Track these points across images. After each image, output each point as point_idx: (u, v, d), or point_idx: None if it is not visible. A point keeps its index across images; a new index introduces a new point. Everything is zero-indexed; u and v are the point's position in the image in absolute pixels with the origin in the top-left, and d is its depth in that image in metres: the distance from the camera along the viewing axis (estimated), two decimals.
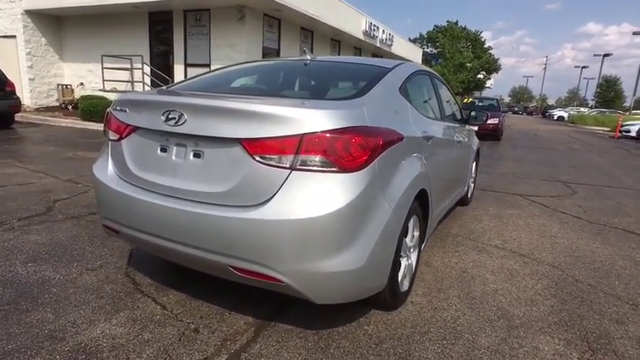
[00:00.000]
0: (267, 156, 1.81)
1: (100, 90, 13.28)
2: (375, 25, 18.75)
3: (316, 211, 1.76)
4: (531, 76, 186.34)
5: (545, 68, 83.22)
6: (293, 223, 1.75)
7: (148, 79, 13.16)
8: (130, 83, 13.29)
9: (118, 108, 2.26)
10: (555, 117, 42.92)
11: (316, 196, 1.78)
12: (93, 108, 11.29)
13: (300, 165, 1.78)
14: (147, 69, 13.15)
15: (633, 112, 36.78)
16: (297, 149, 1.78)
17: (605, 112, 37.56)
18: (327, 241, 1.80)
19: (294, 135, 1.78)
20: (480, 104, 16.21)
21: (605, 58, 49.60)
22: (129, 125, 2.19)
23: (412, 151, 2.36)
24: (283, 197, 1.79)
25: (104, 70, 13.07)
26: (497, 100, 18.26)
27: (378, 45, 19.72)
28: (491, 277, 3.05)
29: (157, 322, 2.17)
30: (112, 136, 2.29)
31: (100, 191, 2.31)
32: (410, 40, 32.80)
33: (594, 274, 3.23)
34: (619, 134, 22.56)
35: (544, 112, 54.60)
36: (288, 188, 1.79)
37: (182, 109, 1.95)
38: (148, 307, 2.31)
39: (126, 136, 2.21)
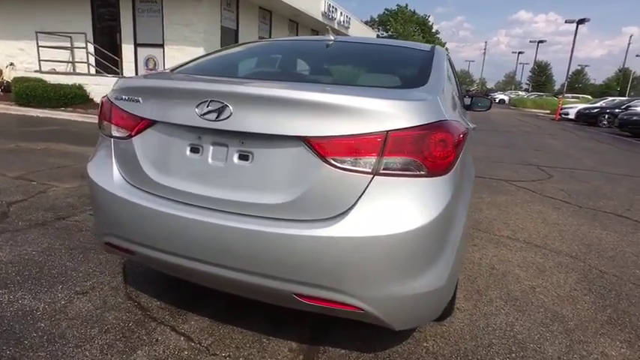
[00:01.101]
0: (345, 158, 1.46)
1: (35, 71, 11.82)
2: (333, 7, 18.30)
3: (406, 225, 1.44)
4: (472, 61, 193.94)
5: (484, 53, 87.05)
6: (378, 241, 1.43)
7: (92, 60, 11.91)
8: (70, 64, 11.97)
9: (126, 97, 1.78)
10: (497, 100, 45.09)
11: (405, 206, 1.47)
12: (30, 92, 10.03)
13: (384, 169, 1.46)
14: (91, 48, 11.90)
15: (566, 95, 39.51)
16: (381, 150, 1.44)
17: (542, 95, 39.99)
18: (415, 260, 1.51)
19: (377, 132, 1.44)
20: None
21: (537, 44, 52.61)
22: (144, 119, 1.73)
23: (467, 146, 2.10)
24: (364, 209, 1.46)
25: (40, 48, 11.63)
26: None
27: (336, 27, 19.28)
28: (521, 273, 2.92)
29: None
30: (118, 132, 1.82)
31: (101, 201, 1.84)
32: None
33: (613, 263, 3.21)
34: (559, 117, 24.04)
35: (486, 94, 57.20)
36: (369, 198, 1.46)
37: (226, 98, 1.53)
38: (169, 340, 1.90)
39: (139, 133, 1.75)
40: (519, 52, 64.89)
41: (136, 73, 11.85)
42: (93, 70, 11.97)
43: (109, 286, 2.34)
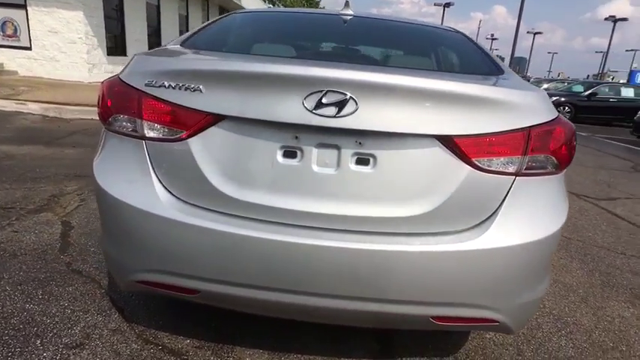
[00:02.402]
0: (490, 159, 1.27)
1: None
2: None
3: (550, 228, 1.33)
4: None
5: None
6: (525, 248, 1.29)
7: None
8: None
9: (173, 83, 1.28)
10: None
11: (546, 207, 1.35)
12: None
13: (525, 169, 1.31)
14: None
15: None
16: (525, 148, 1.29)
17: None
18: (547, 262, 1.42)
19: (522, 128, 1.28)
20: None
21: None
22: (209, 114, 1.28)
23: None
24: (510, 215, 1.29)
25: None
26: None
27: None
28: None
29: None
30: (158, 132, 1.32)
31: (137, 227, 1.33)
32: None
33: (568, 229, 3.61)
34: None
35: None
36: (513, 202, 1.30)
37: (351, 89, 1.19)
38: None
39: (198, 132, 1.29)
40: None
41: None
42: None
43: (109, 328, 1.80)
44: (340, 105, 1.19)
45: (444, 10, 40.59)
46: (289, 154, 1.27)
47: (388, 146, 1.25)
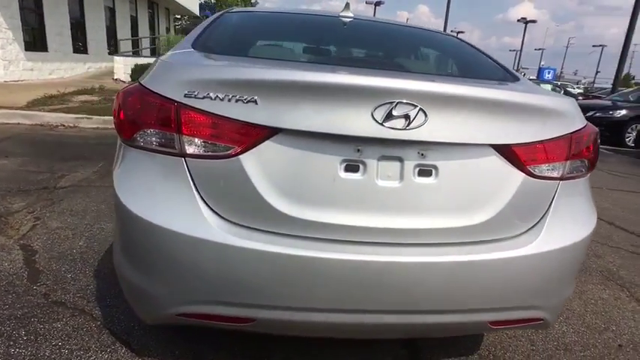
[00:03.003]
0: (541, 166, 1.30)
1: None
2: None
3: (589, 227, 1.40)
4: None
5: None
6: (572, 248, 1.35)
7: None
8: None
9: (221, 95, 1.15)
10: None
11: (582, 209, 1.43)
12: None
13: (567, 173, 1.36)
14: None
15: None
16: (568, 153, 1.34)
17: None
18: (583, 261, 1.50)
19: (565, 135, 1.33)
20: None
21: None
22: (265, 127, 1.17)
23: None
24: (555, 218, 1.34)
25: None
26: None
27: None
28: None
29: None
30: (201, 148, 1.18)
31: (181, 255, 1.19)
32: None
33: None
34: None
35: None
36: (557, 205, 1.35)
37: (422, 100, 1.15)
38: None
39: (251, 148, 1.17)
40: None
41: None
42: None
43: None
44: (409, 117, 1.15)
45: (375, 8, 41.91)
46: (351, 168, 1.20)
47: (449, 157, 1.23)
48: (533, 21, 48.46)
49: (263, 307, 1.22)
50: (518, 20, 46.86)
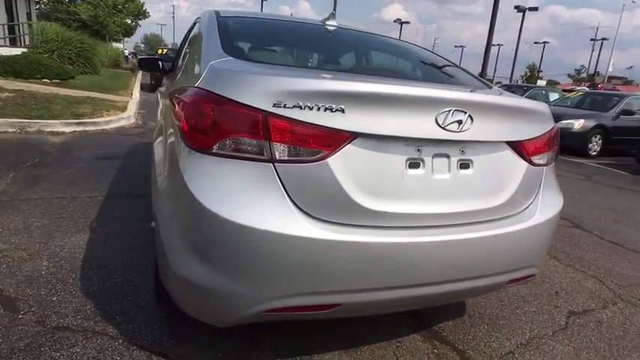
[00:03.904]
0: (538, 156, 1.67)
1: None
2: None
3: (560, 203, 1.83)
4: (164, 24, 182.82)
5: (173, 17, 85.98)
6: (554, 219, 1.76)
7: None
8: None
9: (309, 104, 1.24)
10: None
11: (555, 187, 1.85)
12: None
13: (548, 160, 1.77)
14: None
15: None
16: (549, 145, 1.74)
17: None
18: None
19: (548, 131, 1.72)
20: (173, 53, 15.56)
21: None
22: (347, 133, 1.30)
23: None
24: (544, 195, 1.74)
25: None
26: None
27: None
28: None
29: None
30: (292, 153, 1.26)
31: (276, 253, 1.26)
32: None
33: None
34: None
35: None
36: (544, 186, 1.75)
37: (471, 108, 1.41)
38: None
39: (336, 151, 1.30)
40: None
41: None
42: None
43: None
44: (462, 121, 1.40)
45: (262, 3, 41.70)
46: (414, 165, 1.41)
47: (479, 152, 1.53)
48: (407, 22, 53.43)
49: (349, 292, 1.37)
50: (395, 21, 51.24)
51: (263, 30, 2.23)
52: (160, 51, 15.21)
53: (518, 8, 33.61)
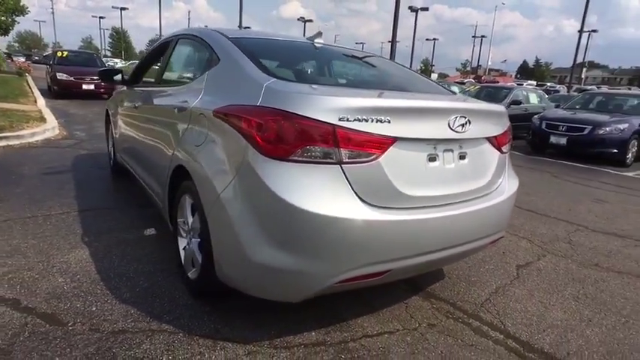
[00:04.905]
0: (504, 147, 2.23)
1: None
2: None
3: (517, 181, 2.43)
4: (43, 21, 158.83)
5: (53, 12, 77.19)
6: (515, 193, 2.34)
7: None
8: None
9: (365, 117, 1.61)
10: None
11: (512, 170, 2.44)
12: None
13: (509, 150, 2.35)
14: None
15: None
16: (508, 137, 2.31)
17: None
18: None
19: (508, 127, 2.29)
20: (77, 58, 14.39)
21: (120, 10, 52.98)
22: (390, 138, 1.69)
23: None
24: (507, 176, 2.31)
25: None
26: (95, 54, 16.59)
27: None
28: None
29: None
30: (354, 156, 1.62)
31: (347, 234, 1.61)
32: None
33: None
34: None
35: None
36: (508, 168, 2.33)
37: (471, 114, 1.89)
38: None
39: (384, 153, 1.68)
40: (100, 17, 63.25)
41: None
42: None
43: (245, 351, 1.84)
44: (464, 124, 1.89)
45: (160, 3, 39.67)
46: (432, 159, 1.86)
47: (471, 146, 2.03)
48: (310, 20, 54.72)
49: (396, 260, 1.77)
50: (298, 19, 52.14)
51: (277, 50, 2.53)
52: (59, 54, 13.91)
53: (411, 8, 36.82)
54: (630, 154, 7.96)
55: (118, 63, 45.11)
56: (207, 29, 2.63)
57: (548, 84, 40.55)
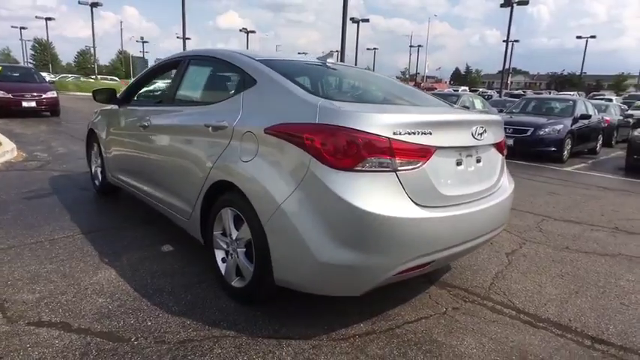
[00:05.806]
0: (504, 150, 2.62)
1: None
2: None
3: (513, 180, 2.84)
4: None
5: None
6: (514, 191, 2.74)
7: None
8: None
9: (412, 131, 1.89)
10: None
11: (508, 172, 2.84)
12: None
13: (506, 153, 2.74)
14: None
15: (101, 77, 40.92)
16: (505, 142, 2.71)
17: (79, 77, 39.33)
18: None
19: (505, 133, 2.69)
20: (13, 74, 13.40)
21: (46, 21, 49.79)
22: (432, 147, 1.97)
23: None
24: (507, 175, 2.71)
25: None
26: (33, 68, 15.43)
27: None
28: None
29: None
30: (405, 164, 1.89)
31: (405, 230, 1.87)
32: None
33: None
34: None
35: None
36: (505, 169, 2.72)
37: (486, 124, 2.23)
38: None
39: (428, 160, 1.97)
40: (21, 28, 59.20)
41: None
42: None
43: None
44: (482, 133, 2.23)
45: (92, 9, 37.73)
46: (459, 163, 2.18)
47: (483, 151, 2.38)
48: (253, 31, 54.81)
49: (438, 251, 2.05)
50: (241, 30, 52.03)
51: (304, 71, 2.79)
52: None
53: (353, 20, 38.32)
54: (566, 152, 8.99)
55: (47, 77, 42.18)
56: (226, 51, 2.78)
57: (480, 89, 43.87)
